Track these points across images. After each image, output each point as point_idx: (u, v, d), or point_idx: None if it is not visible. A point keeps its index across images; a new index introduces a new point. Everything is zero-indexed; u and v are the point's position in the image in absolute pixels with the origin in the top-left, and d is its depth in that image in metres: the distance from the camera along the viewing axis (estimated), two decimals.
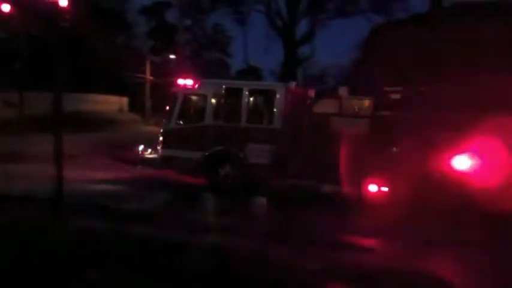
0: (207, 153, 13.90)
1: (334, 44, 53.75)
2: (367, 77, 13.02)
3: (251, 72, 40.85)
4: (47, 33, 30.62)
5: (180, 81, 14.43)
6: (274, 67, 45.96)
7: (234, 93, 13.94)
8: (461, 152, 11.50)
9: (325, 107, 13.42)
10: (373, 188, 12.38)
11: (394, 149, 12.28)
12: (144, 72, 42.60)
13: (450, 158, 11.59)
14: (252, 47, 36.58)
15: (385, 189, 12.27)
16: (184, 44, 27.40)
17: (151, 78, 43.02)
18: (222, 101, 13.98)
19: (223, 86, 14.12)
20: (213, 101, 14.03)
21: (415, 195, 11.66)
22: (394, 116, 12.38)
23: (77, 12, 10.75)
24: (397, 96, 12.82)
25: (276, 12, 35.43)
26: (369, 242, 9.74)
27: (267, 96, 13.73)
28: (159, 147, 14.66)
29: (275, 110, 13.52)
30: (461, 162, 11.56)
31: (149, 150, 14.90)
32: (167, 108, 14.76)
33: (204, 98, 14.15)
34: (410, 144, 12.00)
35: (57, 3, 9.77)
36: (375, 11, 33.53)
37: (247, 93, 13.80)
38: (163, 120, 14.88)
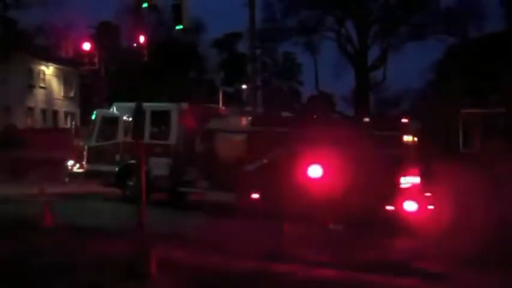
0: (118, 167, 15.80)
1: (406, 67, 52.47)
2: None
3: (322, 99, 40.23)
4: (126, 69, 32.15)
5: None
6: (346, 93, 45.12)
7: None
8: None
9: (217, 124, 15.17)
10: (254, 195, 13.95)
11: (266, 159, 13.88)
12: (217, 103, 41.29)
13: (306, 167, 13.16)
14: (323, 73, 35.36)
15: (262, 195, 13.80)
16: (256, 73, 27.81)
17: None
18: (131, 120, 15.80)
19: (131, 108, 15.94)
20: (124, 120, 15.88)
21: (284, 201, 13.21)
22: (266, 131, 14.04)
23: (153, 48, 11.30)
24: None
25: (346, 39, 34.81)
26: None
27: (164, 115, 15.52)
28: (83, 163, 16.65)
29: (170, 127, 15.31)
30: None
31: (77, 165, 16.87)
32: (90, 127, 16.73)
33: (117, 118, 16.06)
34: (278, 155, 13.63)
35: (138, 41, 10.13)
36: (448, 33, 32.68)
37: (149, 113, 15.57)
38: (87, 138, 16.86)
